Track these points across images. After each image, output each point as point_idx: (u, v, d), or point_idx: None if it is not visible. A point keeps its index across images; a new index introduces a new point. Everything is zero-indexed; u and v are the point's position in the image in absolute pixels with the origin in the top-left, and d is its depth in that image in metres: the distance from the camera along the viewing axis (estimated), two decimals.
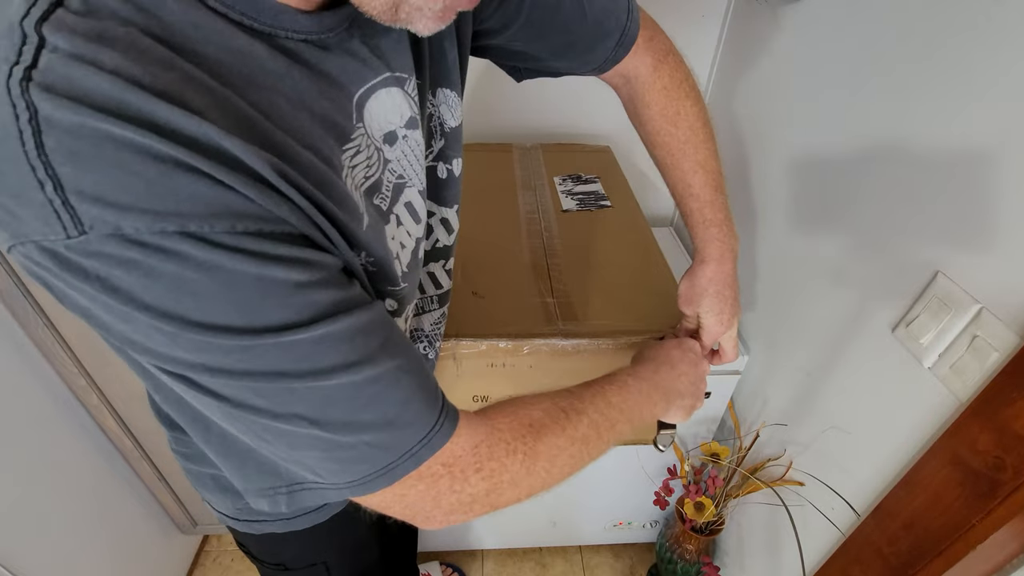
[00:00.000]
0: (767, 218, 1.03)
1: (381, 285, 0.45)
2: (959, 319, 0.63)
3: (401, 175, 0.46)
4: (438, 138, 0.56)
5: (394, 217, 0.46)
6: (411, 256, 0.49)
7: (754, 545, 1.13)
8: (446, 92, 0.55)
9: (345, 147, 0.40)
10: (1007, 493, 0.57)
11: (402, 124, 0.45)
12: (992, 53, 0.59)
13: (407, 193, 0.47)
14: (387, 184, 0.45)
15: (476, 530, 1.39)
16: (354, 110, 0.41)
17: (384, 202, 0.45)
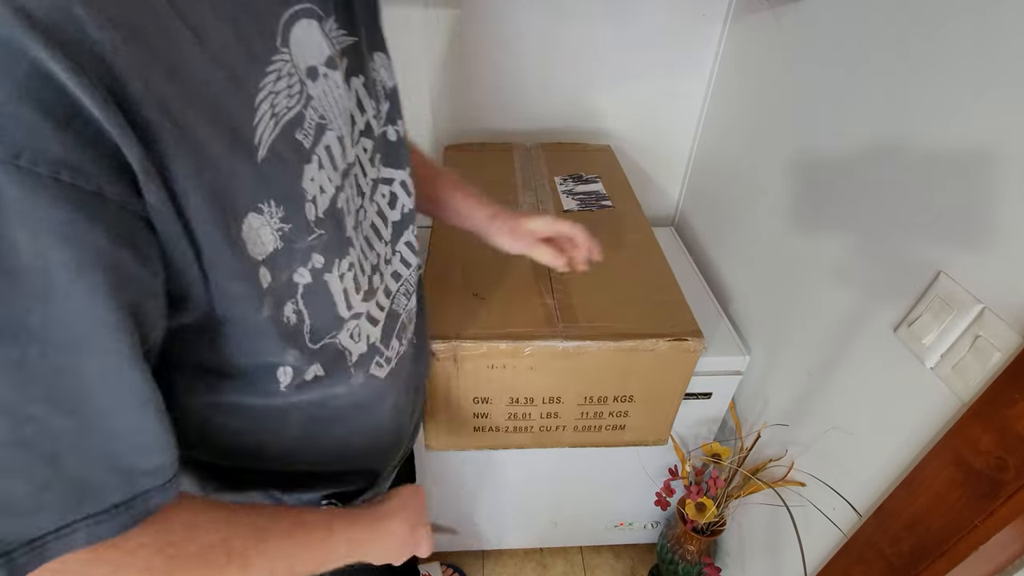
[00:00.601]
0: (768, 218, 1.03)
1: (291, 231, 0.41)
2: (961, 319, 0.63)
3: (323, 115, 0.44)
4: (383, 100, 0.55)
5: (316, 158, 0.43)
6: (329, 203, 0.45)
7: (755, 546, 1.13)
8: (381, 56, 0.55)
9: (267, 70, 0.38)
10: (1009, 494, 0.57)
11: (322, 62, 0.43)
12: (992, 52, 0.59)
13: (327, 136, 0.44)
14: (310, 120, 0.42)
15: (477, 530, 1.39)
16: (279, 33, 0.39)
17: (307, 139, 0.42)
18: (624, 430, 0.90)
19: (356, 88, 0.50)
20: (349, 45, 0.48)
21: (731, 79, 1.22)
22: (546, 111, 1.34)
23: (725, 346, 1.06)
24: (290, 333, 0.45)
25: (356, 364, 0.53)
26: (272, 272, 0.40)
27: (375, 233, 0.55)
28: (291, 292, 0.43)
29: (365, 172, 0.53)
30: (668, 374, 0.84)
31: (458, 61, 1.25)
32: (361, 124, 0.51)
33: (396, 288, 0.60)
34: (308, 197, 0.42)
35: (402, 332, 0.61)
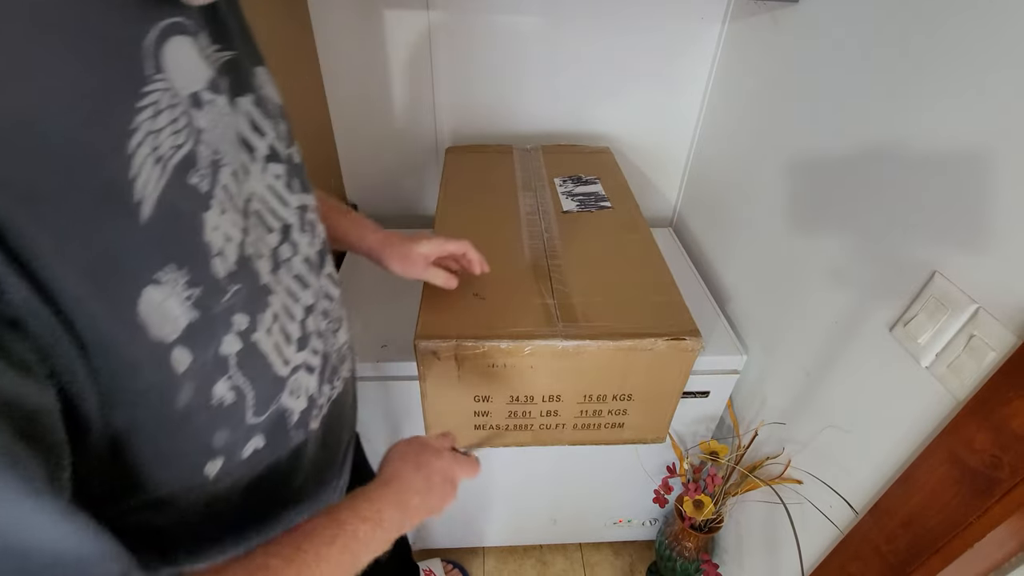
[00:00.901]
0: (765, 218, 1.04)
1: (203, 296, 0.34)
2: (956, 319, 0.63)
3: (216, 150, 0.36)
4: (280, 120, 0.48)
5: (216, 203, 0.36)
6: (238, 251, 0.38)
7: (753, 543, 1.13)
8: (261, 70, 0.48)
9: (140, 104, 0.30)
10: (1004, 491, 0.57)
11: (204, 85, 0.36)
12: (990, 53, 0.60)
13: (223, 174, 0.37)
14: (204, 159, 0.35)
15: (477, 527, 1.40)
16: (150, 55, 0.31)
17: (204, 181, 0.34)
18: (623, 428, 0.91)
19: (247, 109, 0.43)
20: (227, 60, 0.41)
21: (729, 80, 1.22)
22: (546, 113, 1.35)
23: (723, 345, 1.07)
24: (223, 416, 0.38)
25: (296, 424, 0.48)
26: (193, 351, 0.34)
27: (308, 269, 0.49)
28: (222, 368, 0.37)
29: (285, 202, 0.46)
30: (666, 373, 0.84)
31: (459, 63, 1.25)
32: (264, 149, 0.44)
33: (326, 327, 0.53)
34: (214, 251, 0.35)
35: (333, 375, 0.55)
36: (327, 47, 1.21)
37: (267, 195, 0.44)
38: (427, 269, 0.78)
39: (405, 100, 1.30)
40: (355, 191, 1.44)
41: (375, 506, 0.50)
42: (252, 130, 0.43)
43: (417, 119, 1.33)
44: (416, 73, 1.26)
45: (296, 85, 1.11)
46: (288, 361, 0.45)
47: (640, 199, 1.15)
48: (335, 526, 0.45)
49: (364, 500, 0.50)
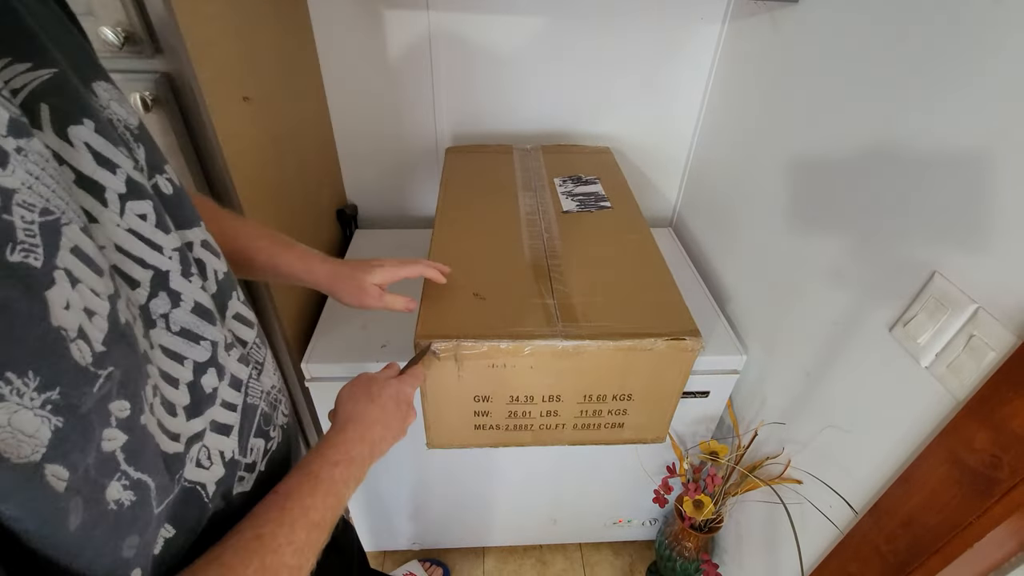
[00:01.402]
0: (765, 218, 1.04)
1: (64, 396, 0.28)
2: (956, 319, 0.63)
3: (46, 208, 0.29)
4: (135, 145, 0.40)
5: (61, 274, 0.29)
6: (109, 324, 0.32)
7: (753, 543, 1.13)
8: (105, 85, 0.39)
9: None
10: (1004, 491, 0.57)
11: (3, 132, 0.28)
12: (989, 53, 0.60)
13: (67, 234, 0.30)
14: (24, 228, 0.27)
15: (477, 527, 1.40)
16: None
17: (33, 255, 0.27)
18: (623, 428, 0.91)
19: (85, 140, 0.34)
20: (44, 82, 0.33)
21: (729, 81, 1.22)
22: (546, 113, 1.35)
23: (722, 345, 1.07)
24: (126, 519, 0.33)
25: (213, 496, 0.42)
26: (66, 464, 0.28)
27: (200, 318, 0.42)
28: (111, 468, 0.32)
29: (156, 245, 0.39)
30: (666, 373, 0.84)
31: (459, 63, 1.25)
32: (119, 186, 0.36)
33: (247, 375, 0.48)
34: (71, 335, 0.29)
35: (265, 424, 0.50)
36: (327, 47, 1.21)
37: (129, 242, 0.37)
38: (382, 298, 0.75)
39: (405, 100, 1.30)
40: (355, 191, 1.44)
41: (341, 449, 0.52)
42: (98, 165, 0.35)
43: (417, 119, 1.33)
44: (416, 73, 1.26)
45: (296, 85, 1.11)
46: (178, 435, 0.39)
47: (640, 199, 1.15)
48: (311, 479, 0.47)
49: (329, 447, 0.52)
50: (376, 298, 0.75)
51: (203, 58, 0.72)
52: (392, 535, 1.38)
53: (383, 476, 1.20)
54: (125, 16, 0.66)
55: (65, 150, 0.33)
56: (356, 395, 0.61)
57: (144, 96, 0.70)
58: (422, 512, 1.32)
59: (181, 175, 0.51)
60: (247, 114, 0.87)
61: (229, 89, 0.81)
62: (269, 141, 0.96)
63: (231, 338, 0.46)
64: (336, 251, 1.35)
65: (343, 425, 0.56)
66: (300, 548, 0.43)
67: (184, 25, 0.68)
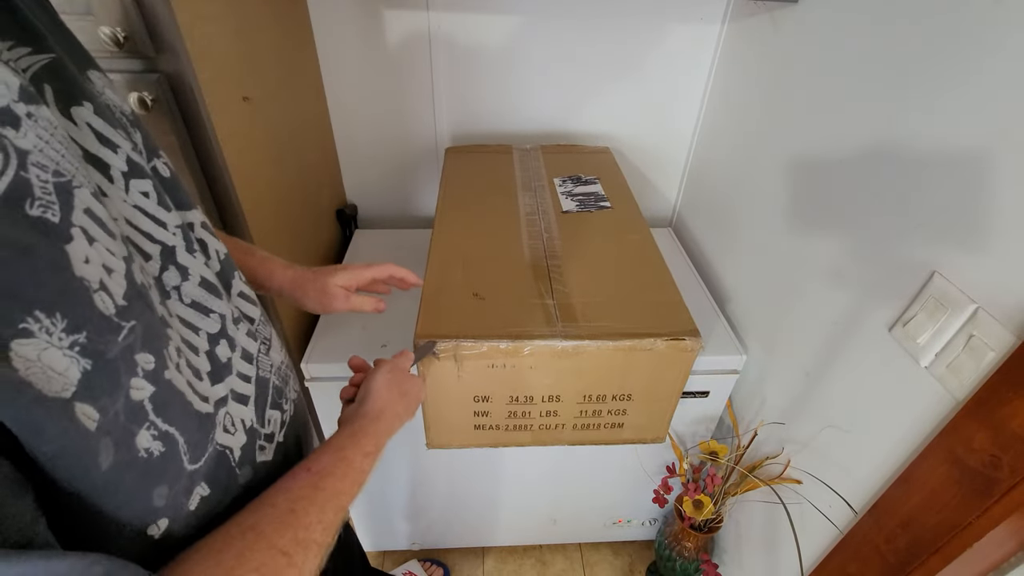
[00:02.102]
0: (765, 219, 1.04)
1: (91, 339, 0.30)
2: (955, 319, 0.63)
3: (58, 171, 0.30)
4: (132, 129, 0.41)
5: (78, 231, 0.30)
6: (127, 282, 0.33)
7: (752, 542, 1.13)
8: (97, 74, 0.41)
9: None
10: (1003, 491, 0.57)
11: (15, 97, 0.29)
12: (989, 53, 0.60)
13: (80, 196, 0.31)
14: (41, 185, 0.29)
15: (477, 527, 1.40)
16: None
17: (51, 211, 0.29)
18: (623, 428, 0.91)
19: (87, 120, 0.36)
20: (44, 66, 0.34)
21: (729, 81, 1.22)
22: (545, 113, 1.35)
23: (722, 345, 1.07)
24: (156, 469, 0.35)
25: (240, 461, 0.45)
26: (96, 405, 0.30)
27: (208, 293, 0.44)
28: (140, 416, 0.33)
29: (161, 222, 0.41)
30: (666, 373, 0.84)
31: (458, 63, 1.25)
32: (121, 164, 0.38)
33: (256, 348, 0.50)
34: (93, 286, 0.30)
35: (279, 398, 0.52)
36: (327, 47, 1.21)
37: (136, 217, 0.39)
38: (349, 299, 0.73)
39: (405, 100, 1.30)
40: (355, 191, 1.44)
41: (373, 440, 0.54)
42: (101, 144, 0.37)
43: (417, 119, 1.33)
44: (416, 73, 1.26)
45: (296, 85, 1.11)
46: (207, 397, 0.41)
47: (640, 199, 1.15)
48: (344, 464, 0.49)
49: (364, 435, 0.53)
50: (342, 301, 0.72)
51: (203, 58, 0.72)
52: (392, 535, 1.38)
53: (383, 476, 1.20)
54: (125, 16, 0.66)
55: (70, 128, 0.35)
56: (392, 387, 0.62)
57: (144, 97, 0.70)
58: (422, 512, 1.32)
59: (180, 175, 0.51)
60: (247, 114, 0.87)
61: (229, 89, 0.81)
62: (269, 141, 0.96)
63: (238, 313, 0.48)
64: (336, 251, 1.35)
65: (378, 415, 0.58)
66: (327, 528, 0.44)
67: (184, 25, 0.68)
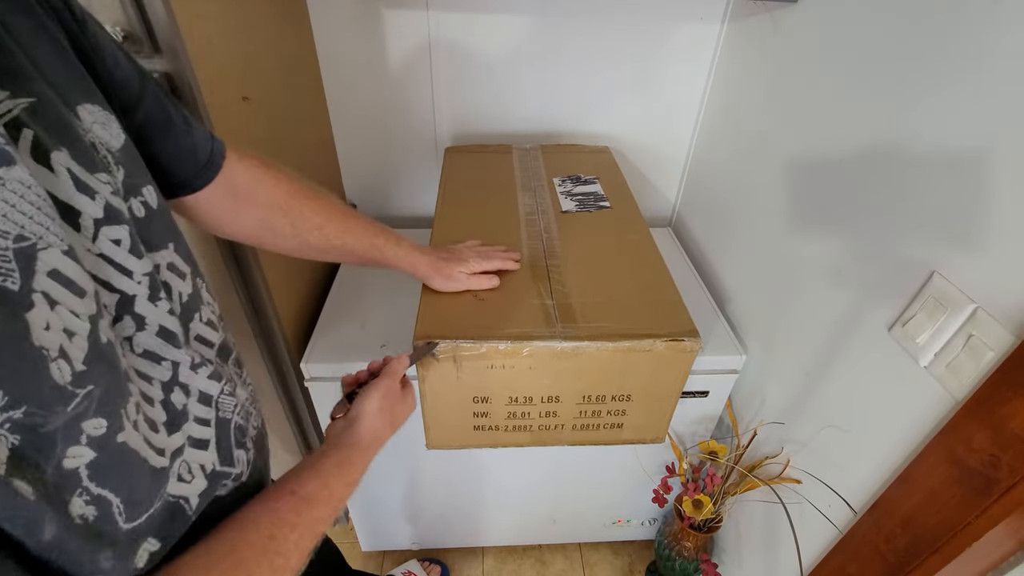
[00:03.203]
0: (764, 218, 1.04)
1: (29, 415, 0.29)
2: (955, 318, 0.63)
3: (21, 235, 0.30)
4: (115, 168, 0.40)
5: (40, 297, 0.31)
6: (89, 344, 0.33)
7: (752, 542, 1.13)
8: (90, 108, 0.40)
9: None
10: (1003, 491, 0.57)
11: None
12: (988, 53, 0.60)
13: (44, 258, 0.31)
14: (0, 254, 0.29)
15: (477, 527, 1.40)
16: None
17: (10, 280, 0.29)
18: (622, 428, 0.91)
19: (65, 166, 0.35)
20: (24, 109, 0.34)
21: (728, 80, 1.22)
22: (545, 113, 1.35)
23: (722, 345, 1.07)
24: (94, 534, 0.34)
25: (197, 509, 0.44)
26: (25, 479, 0.30)
27: (164, 341, 0.43)
28: (72, 483, 0.33)
29: (127, 270, 0.40)
30: (665, 373, 0.84)
31: (458, 63, 1.25)
32: (96, 211, 0.37)
33: (219, 390, 0.49)
34: (52, 354, 0.31)
35: (241, 436, 0.51)
36: (326, 46, 1.21)
37: (97, 266, 0.38)
38: (468, 281, 0.85)
39: (404, 100, 1.30)
40: (355, 191, 1.44)
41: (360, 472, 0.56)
42: (77, 191, 0.36)
43: (416, 119, 1.33)
44: (415, 73, 1.26)
45: (296, 85, 1.11)
46: (163, 450, 0.41)
47: (639, 199, 1.15)
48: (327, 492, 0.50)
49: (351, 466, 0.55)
50: (463, 282, 0.85)
51: (203, 58, 0.72)
52: (392, 535, 1.38)
53: (383, 476, 1.20)
54: (124, 16, 0.66)
55: (47, 178, 0.34)
56: (384, 413, 0.61)
57: None
58: (421, 512, 1.32)
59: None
60: (247, 114, 0.87)
61: (229, 89, 0.81)
62: (268, 141, 0.96)
63: (199, 359, 0.47)
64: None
65: (368, 445, 0.58)
66: (303, 554, 0.45)
67: (184, 25, 0.68)
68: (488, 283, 0.87)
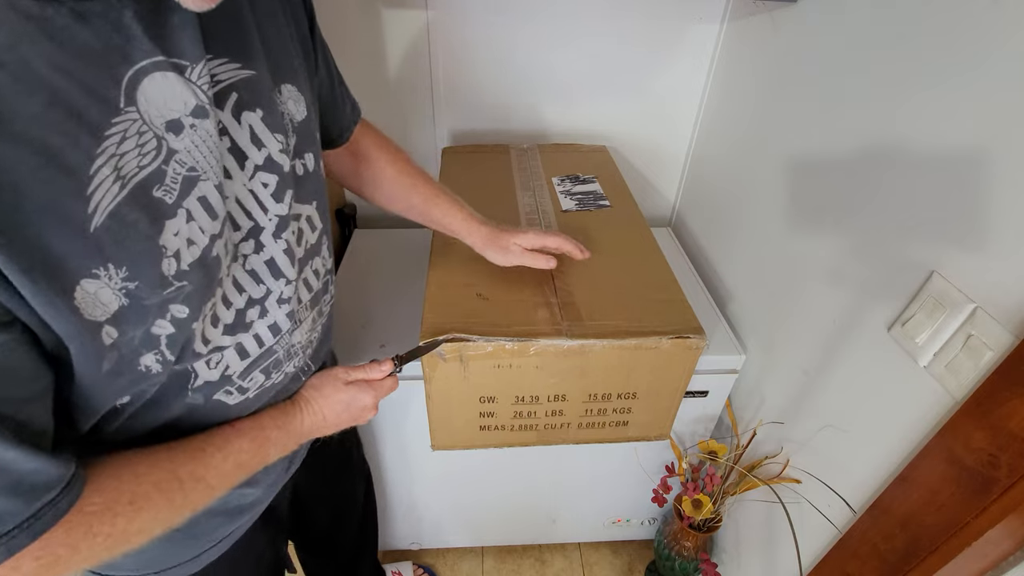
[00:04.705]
0: (764, 219, 1.04)
1: (138, 289, 0.40)
2: (954, 318, 0.64)
3: (193, 167, 0.42)
4: (291, 135, 0.53)
5: (183, 212, 0.42)
6: (200, 254, 0.44)
7: (751, 542, 1.14)
8: (289, 87, 0.53)
9: (107, 133, 0.36)
10: (1002, 491, 0.58)
11: (187, 112, 0.41)
12: (987, 54, 0.60)
13: (201, 187, 0.44)
14: (173, 175, 0.41)
15: (476, 527, 1.40)
16: (123, 93, 0.37)
17: (170, 194, 0.41)
18: (627, 426, 0.91)
19: (251, 123, 0.48)
20: (243, 79, 0.47)
21: (728, 80, 1.22)
22: (543, 113, 1.35)
23: (722, 345, 1.07)
24: (143, 378, 0.45)
25: (197, 388, 0.52)
26: (119, 329, 0.40)
27: (268, 270, 0.54)
28: (151, 344, 0.44)
29: (265, 208, 0.52)
30: (670, 371, 0.84)
31: (456, 63, 1.25)
32: (258, 159, 0.50)
33: (287, 326, 0.59)
34: (169, 252, 0.42)
35: (274, 368, 0.60)
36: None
37: (246, 198, 0.50)
38: (523, 255, 0.86)
39: (403, 99, 1.30)
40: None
41: (289, 420, 0.63)
42: (251, 142, 0.49)
43: (415, 118, 1.33)
44: (414, 73, 1.26)
45: None
46: (209, 341, 0.50)
47: (639, 198, 1.15)
48: (257, 429, 0.59)
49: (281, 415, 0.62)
50: (517, 255, 0.86)
51: None
52: (392, 535, 1.38)
53: (383, 476, 1.20)
54: None
55: (233, 126, 0.47)
56: (316, 388, 0.67)
57: None
58: (421, 512, 1.32)
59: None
60: None
61: None
62: None
63: (289, 294, 0.57)
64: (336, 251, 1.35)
65: (298, 403, 0.65)
66: (223, 477, 0.54)
67: None
68: (545, 263, 0.86)
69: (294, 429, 0.63)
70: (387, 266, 1.24)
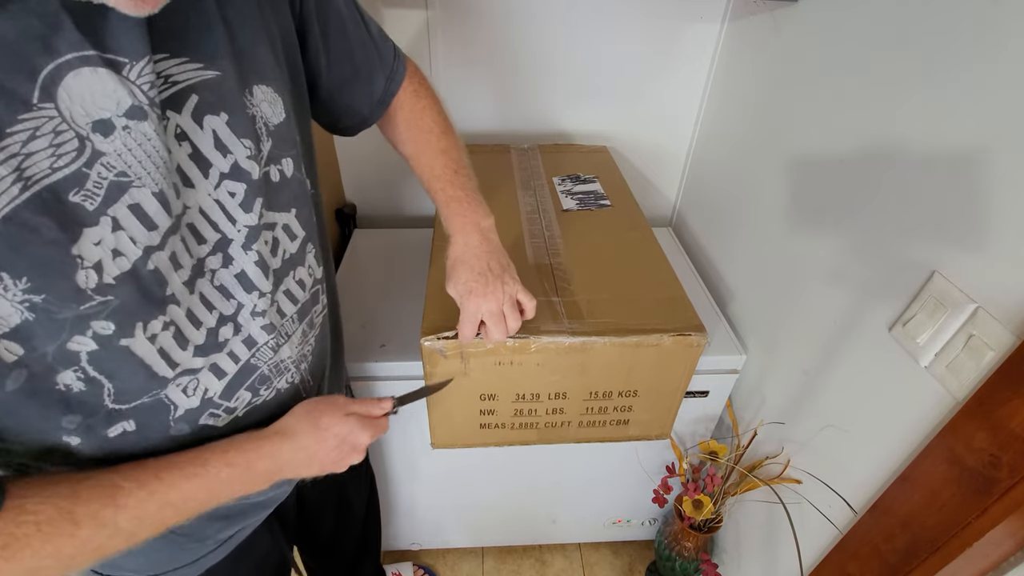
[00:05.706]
0: (765, 218, 1.04)
1: (47, 302, 0.37)
2: (955, 318, 0.64)
3: (123, 172, 0.39)
4: (265, 139, 0.50)
5: (108, 220, 0.39)
6: (130, 266, 0.41)
7: (752, 542, 1.14)
8: (263, 88, 0.49)
9: (9, 130, 0.34)
10: (1003, 491, 0.57)
11: (119, 113, 0.38)
12: (988, 53, 0.60)
13: (134, 193, 0.40)
14: (97, 180, 0.38)
15: (476, 527, 1.40)
16: (38, 88, 0.35)
17: (91, 200, 0.38)
18: (628, 425, 0.91)
19: (214, 127, 0.45)
20: (205, 80, 0.44)
21: (729, 80, 1.22)
22: (543, 113, 1.35)
23: (722, 345, 1.07)
24: (72, 400, 0.42)
25: (179, 418, 0.50)
26: (24, 345, 0.37)
27: (238, 284, 0.51)
28: (69, 361, 0.40)
29: (232, 219, 0.48)
30: (672, 369, 0.84)
31: (456, 63, 1.25)
32: (223, 167, 0.47)
33: (265, 340, 0.55)
34: (87, 263, 0.38)
35: (261, 384, 0.56)
36: None
37: (211, 209, 0.47)
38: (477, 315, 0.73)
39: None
40: (354, 191, 1.44)
41: (247, 456, 0.53)
42: (215, 147, 0.46)
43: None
44: None
45: None
46: (177, 364, 0.47)
47: (639, 198, 1.15)
48: (198, 464, 0.50)
49: (236, 449, 0.53)
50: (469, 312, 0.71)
51: None
52: (392, 535, 1.38)
53: (383, 476, 1.20)
54: None
55: (194, 131, 0.44)
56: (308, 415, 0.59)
57: None
58: (422, 512, 1.32)
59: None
60: None
61: None
62: None
63: (275, 309, 0.54)
64: (335, 251, 1.35)
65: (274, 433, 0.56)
66: (142, 520, 0.46)
67: None
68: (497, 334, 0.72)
69: (259, 468, 0.54)
70: (387, 266, 1.24)
